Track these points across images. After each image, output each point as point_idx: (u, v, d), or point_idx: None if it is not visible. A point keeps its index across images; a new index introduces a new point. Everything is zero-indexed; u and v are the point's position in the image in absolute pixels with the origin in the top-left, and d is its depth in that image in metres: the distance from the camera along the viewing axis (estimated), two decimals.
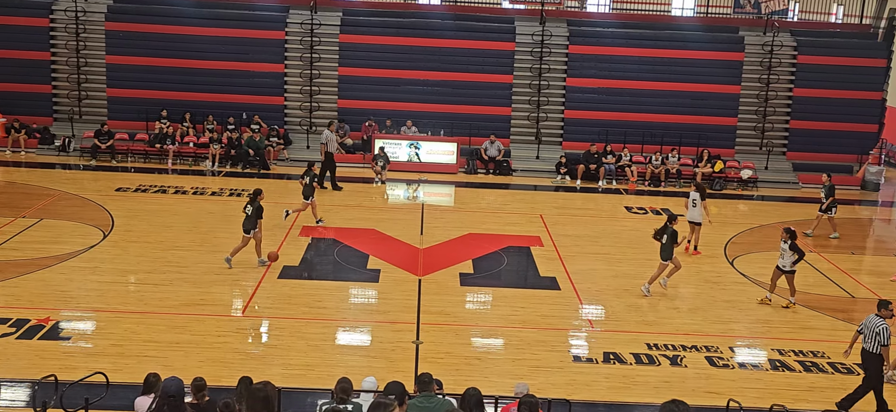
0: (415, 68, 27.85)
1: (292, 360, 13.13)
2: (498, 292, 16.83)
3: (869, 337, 12.16)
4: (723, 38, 28.36)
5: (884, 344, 12.02)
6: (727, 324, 15.57)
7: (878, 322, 12.10)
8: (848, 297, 17.30)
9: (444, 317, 15.18)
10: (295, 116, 28.01)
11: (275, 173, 25.80)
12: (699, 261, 19.02)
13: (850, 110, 27.70)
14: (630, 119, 27.54)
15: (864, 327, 12.32)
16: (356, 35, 28.06)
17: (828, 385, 13.16)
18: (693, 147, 27.06)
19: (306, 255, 18.33)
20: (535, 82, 27.77)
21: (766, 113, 27.80)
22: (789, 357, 14.07)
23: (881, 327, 12.05)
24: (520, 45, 27.85)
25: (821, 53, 27.94)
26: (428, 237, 19.94)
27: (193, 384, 9.08)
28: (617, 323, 15.34)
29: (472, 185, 25.50)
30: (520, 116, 27.99)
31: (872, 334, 12.10)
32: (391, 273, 17.34)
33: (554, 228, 21.05)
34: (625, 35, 28.10)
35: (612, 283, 17.34)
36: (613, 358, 13.73)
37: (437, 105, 27.69)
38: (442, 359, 13.37)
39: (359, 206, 22.77)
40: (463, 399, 8.78)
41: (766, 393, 12.70)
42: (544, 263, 18.43)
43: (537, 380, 12.44)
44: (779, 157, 27.86)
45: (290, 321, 14.70)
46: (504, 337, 14.56)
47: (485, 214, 22.33)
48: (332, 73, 28.00)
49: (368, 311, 15.79)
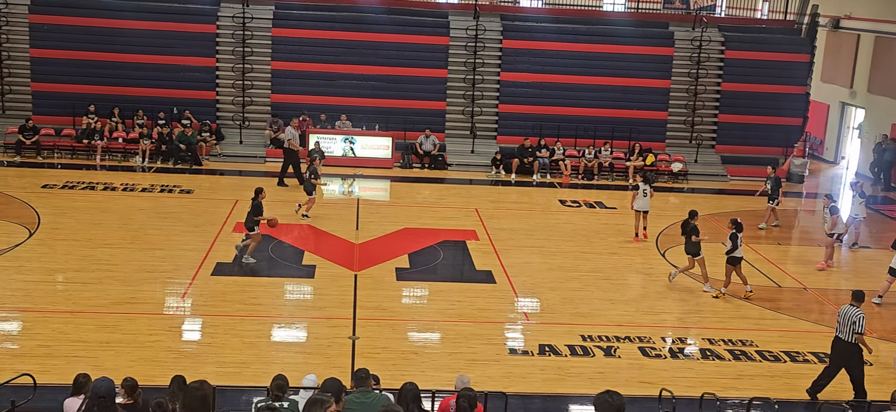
0: (349, 63, 27.71)
1: (227, 358, 12.98)
2: (434, 286, 16.87)
3: (844, 326, 12.38)
4: (653, 34, 28.81)
5: (859, 332, 12.26)
6: (659, 315, 15.86)
7: (854, 311, 12.34)
8: (775, 287, 17.75)
9: (380, 313, 15.16)
10: (227, 111, 27.63)
11: (207, 169, 25.43)
12: (631, 254, 19.32)
13: (775, 104, 28.39)
14: (563, 113, 27.82)
15: (839, 318, 12.54)
16: (289, 29, 27.79)
17: (756, 373, 13.49)
18: (625, 141, 27.45)
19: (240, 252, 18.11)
20: (470, 76, 27.87)
21: (696, 107, 28.34)
22: (719, 346, 14.39)
23: (858, 316, 12.30)
24: (454, 39, 27.91)
25: (747, 49, 28.59)
26: (363, 232, 19.89)
27: (124, 384, 8.92)
28: (552, 315, 15.50)
29: (407, 179, 25.49)
30: (454, 111, 28.06)
31: (849, 322, 12.33)
32: (327, 268, 17.26)
33: (489, 222, 21.17)
34: (557, 30, 28.36)
35: (548, 276, 17.52)
36: (549, 350, 13.87)
37: (371, 99, 27.60)
38: (379, 355, 13.36)
39: (293, 201, 22.56)
40: (400, 394, 8.79)
41: (696, 381, 12.97)
42: (480, 257, 18.53)
43: (474, 374, 12.48)
44: (708, 150, 28.44)
45: (225, 318, 14.53)
46: (441, 331, 14.61)
47: (420, 209, 22.36)
48: (264, 68, 27.69)
49: (304, 307, 15.69)
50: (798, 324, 15.72)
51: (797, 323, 15.76)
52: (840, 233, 19.34)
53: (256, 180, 24.48)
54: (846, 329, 12.37)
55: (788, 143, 28.41)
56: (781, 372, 13.56)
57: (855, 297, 12.60)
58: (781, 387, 12.93)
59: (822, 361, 13.91)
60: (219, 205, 21.43)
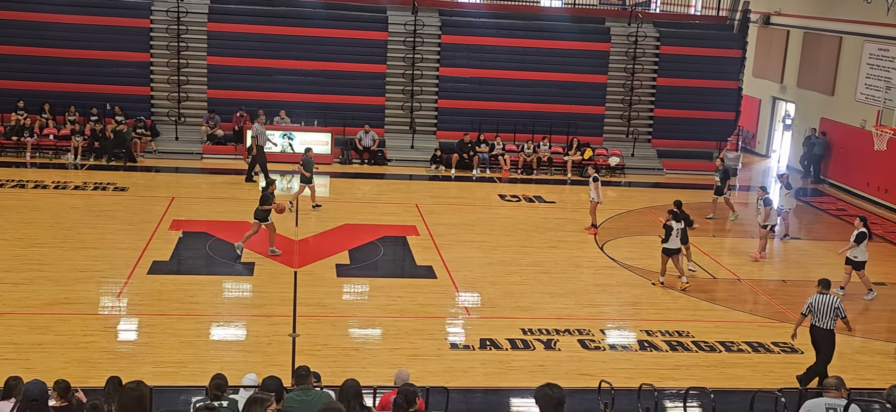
0: (287, 58, 27.44)
1: (164, 358, 12.78)
2: (375, 282, 16.83)
3: (825, 315, 12.66)
4: (589, 29, 29.10)
5: (843, 316, 12.65)
6: (598, 308, 16.05)
7: (834, 299, 12.70)
8: (710, 279, 18.09)
9: (320, 309, 15.07)
10: (162, 107, 27.16)
11: (142, 166, 24.96)
12: (571, 247, 19.51)
13: (709, 99, 28.91)
14: (502, 108, 27.95)
15: (813, 307, 12.79)
16: (225, 23, 27.41)
17: (693, 363, 13.74)
18: (563, 135, 27.69)
19: (177, 250, 17.84)
20: (409, 72, 27.83)
21: (632, 101, 28.72)
22: (656, 337, 14.62)
23: (838, 303, 12.69)
24: (392, 34, 27.83)
25: (681, 44, 29.06)
26: (303, 228, 19.74)
27: (57, 386, 8.71)
28: (493, 309, 15.58)
29: (346, 175, 25.36)
30: (394, 106, 27.99)
31: (830, 310, 12.63)
32: (266, 266, 17.09)
33: (429, 217, 21.18)
34: (496, 25, 28.47)
35: (488, 271, 17.60)
36: (490, 344, 13.94)
37: (310, 95, 27.37)
38: (319, 352, 13.28)
39: (232, 198, 22.31)
40: (341, 391, 8.74)
41: (635, 372, 13.16)
42: (420, 252, 18.53)
43: (415, 369, 12.49)
44: (644, 144, 28.84)
45: (162, 317, 14.29)
46: (382, 326, 14.58)
47: (360, 205, 22.26)
48: (200, 63, 27.27)
49: (243, 305, 15.52)
50: (733, 314, 16.05)
51: (732, 313, 16.09)
52: (773, 225, 19.81)
53: (194, 177, 24.20)
54: (826, 316, 12.66)
55: (722, 137, 28.95)
56: (717, 361, 13.83)
57: (824, 285, 12.92)
58: (717, 377, 13.19)
59: (757, 351, 14.25)
60: (155, 202, 21.07)
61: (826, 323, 12.71)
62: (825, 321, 12.71)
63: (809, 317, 12.93)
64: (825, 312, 12.69)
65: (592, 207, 20.73)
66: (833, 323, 12.69)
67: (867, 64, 26.03)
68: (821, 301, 12.75)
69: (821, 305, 12.73)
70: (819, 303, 12.75)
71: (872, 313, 16.69)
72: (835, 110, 27.60)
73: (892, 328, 16.03)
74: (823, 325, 12.73)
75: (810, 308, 12.86)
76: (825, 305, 12.69)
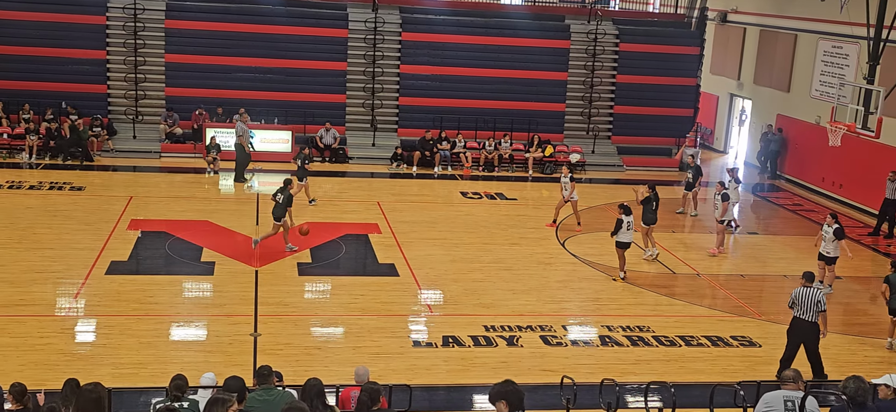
0: (246, 55, 27.19)
1: (123, 359, 12.63)
2: (337, 281, 16.77)
3: (808, 307, 12.85)
4: (549, 27, 29.22)
5: (822, 309, 12.86)
6: (560, 304, 16.14)
7: (816, 292, 12.90)
8: (669, 273, 18.27)
9: (282, 308, 14.98)
10: (119, 105, 26.79)
11: (99, 165, 24.61)
12: (532, 244, 19.58)
13: (668, 96, 29.18)
14: (463, 106, 27.97)
15: (796, 299, 12.99)
16: (183, 21, 27.08)
17: (653, 357, 13.87)
18: (524, 132, 27.78)
19: (136, 250, 17.62)
20: (369, 69, 27.74)
21: (592, 99, 28.89)
22: (617, 332, 14.73)
23: (822, 296, 12.92)
24: (353, 32, 27.72)
25: (640, 41, 29.28)
26: (264, 227, 19.58)
27: (12, 389, 8.56)
28: (455, 306, 15.59)
29: (308, 173, 25.17)
30: (355, 104, 27.89)
31: (812, 303, 12.82)
32: (226, 265, 16.95)
33: (391, 215, 21.14)
34: (456, 23, 28.48)
35: (450, 268, 17.61)
36: (452, 341, 13.95)
37: (270, 93, 27.17)
38: (281, 351, 13.20)
39: (191, 197, 22.10)
40: (304, 390, 8.70)
41: (596, 368, 13.25)
42: (382, 250, 18.49)
43: (378, 367, 12.48)
44: (604, 141, 29.03)
45: (120, 318, 14.11)
46: (344, 325, 14.53)
47: (322, 203, 22.14)
48: (158, 60, 26.94)
49: (203, 305, 15.38)
50: (692, 309, 16.23)
51: (691, 308, 16.26)
52: (730, 221, 20.06)
53: (152, 176, 23.92)
54: (809, 309, 12.86)
55: (680, 134, 29.25)
56: (677, 356, 13.97)
57: (808, 279, 13.15)
58: (677, 371, 13.33)
59: (716, 345, 14.42)
60: (112, 201, 20.79)
61: (809, 315, 12.94)
62: (808, 314, 12.94)
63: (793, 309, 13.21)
64: (807, 305, 12.93)
65: (561, 205, 20.91)
66: (815, 316, 12.93)
67: (822, 61, 26.45)
68: (804, 294, 13.00)
69: (803, 298, 12.98)
70: (802, 296, 13.01)
71: (830, 307, 16.92)
72: (790, 107, 28.01)
73: (847, 321, 16.33)
74: (806, 318, 12.97)
75: (793, 300, 13.12)
76: (808, 298, 12.94)
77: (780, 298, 17.21)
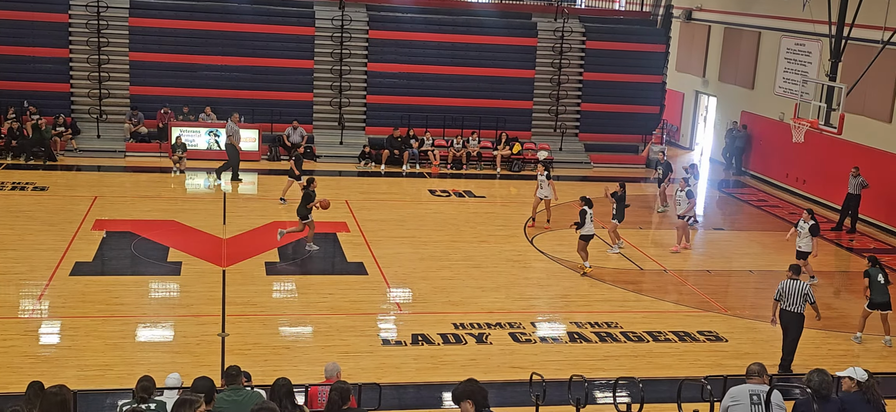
0: (212, 53, 26.99)
1: (88, 361, 12.49)
2: (305, 280, 16.70)
3: (795, 300, 13.14)
4: (517, 24, 29.30)
5: (812, 302, 13.20)
6: (529, 301, 16.19)
7: (802, 285, 13.21)
8: (637, 270, 18.40)
9: (250, 308, 14.89)
10: (83, 104, 26.46)
11: (62, 165, 24.30)
12: (501, 242, 19.63)
13: (634, 93, 29.38)
14: (431, 103, 27.96)
15: (783, 292, 13.26)
16: (147, 18, 26.80)
17: (621, 353, 13.96)
18: (492, 130, 27.84)
19: (101, 250, 17.43)
20: (337, 67, 27.64)
21: (559, 96, 29.01)
22: (586, 329, 14.81)
23: (808, 289, 13.23)
24: (319, 29, 27.61)
25: (607, 39, 29.46)
26: (231, 226, 19.46)
27: None
28: (424, 304, 15.59)
29: (275, 172, 25.05)
30: (322, 102, 27.78)
31: (799, 296, 13.13)
32: (193, 265, 16.81)
33: (360, 213, 21.09)
34: (424, 20, 28.46)
35: (419, 266, 17.61)
36: (422, 339, 13.95)
37: (236, 91, 26.98)
38: (249, 351, 13.13)
39: (157, 196, 21.90)
40: (272, 389, 8.66)
41: (565, 364, 13.31)
42: (351, 249, 18.44)
43: (347, 366, 12.43)
44: (572, 139, 29.17)
45: (85, 320, 13.95)
46: (313, 324, 14.48)
47: (289, 202, 22.02)
48: (122, 59, 26.64)
49: (170, 305, 15.24)
50: (659, 305, 16.35)
51: (658, 304, 16.39)
52: (692, 217, 20.24)
53: (117, 176, 23.66)
54: (796, 301, 13.17)
55: (647, 131, 29.47)
56: (645, 351, 14.08)
57: (794, 271, 13.46)
58: (645, 366, 13.43)
59: (683, 340, 14.55)
60: (76, 201, 20.55)
61: (795, 307, 13.25)
62: (795, 305, 13.24)
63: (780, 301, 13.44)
64: (795, 297, 13.23)
65: (537, 203, 20.91)
66: (802, 307, 13.24)
67: (785, 58, 26.77)
68: (790, 286, 13.29)
69: (790, 290, 13.27)
70: (788, 289, 13.30)
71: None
72: (755, 103, 28.32)
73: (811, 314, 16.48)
74: (793, 309, 13.27)
75: (780, 293, 13.38)
76: (795, 290, 13.24)
77: (745, 293, 17.42)
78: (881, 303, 14.59)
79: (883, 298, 14.58)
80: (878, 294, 14.58)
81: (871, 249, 20.76)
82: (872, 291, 14.61)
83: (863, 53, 21.07)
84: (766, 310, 16.03)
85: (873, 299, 14.62)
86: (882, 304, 14.60)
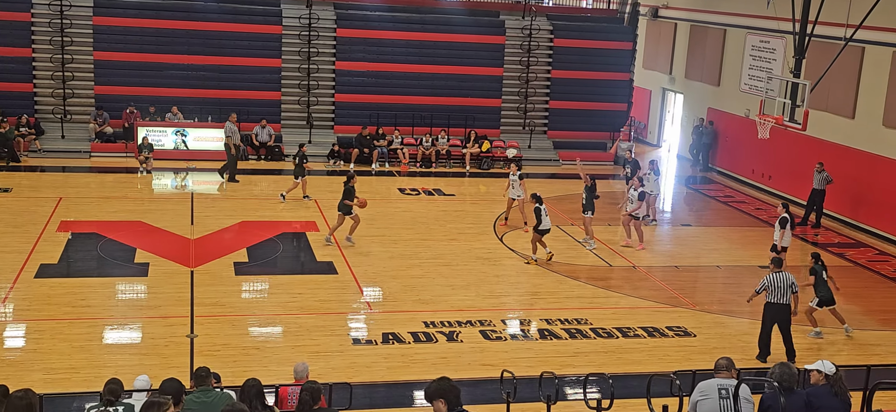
0: (178, 52, 26.75)
1: (54, 364, 12.33)
2: (274, 279, 16.61)
3: (783, 292, 13.51)
4: (484, 22, 29.33)
5: (795, 291, 13.65)
6: (499, 298, 16.23)
7: (788, 276, 13.65)
8: (606, 266, 18.50)
9: (219, 309, 14.78)
10: (46, 104, 26.11)
11: (26, 166, 23.97)
12: (471, 240, 19.64)
13: (602, 91, 29.54)
14: (400, 102, 27.93)
15: (770, 285, 13.58)
16: (112, 17, 26.50)
17: (591, 349, 14.03)
18: (461, 128, 27.85)
19: (66, 252, 17.21)
20: (305, 66, 27.52)
21: (528, 94, 29.09)
22: (556, 325, 14.87)
23: (793, 279, 13.63)
24: (287, 28, 27.46)
25: (574, 37, 29.59)
26: (199, 227, 19.31)
27: None
28: (394, 303, 15.57)
29: (243, 171, 24.88)
30: (290, 101, 27.64)
31: (787, 286, 13.51)
32: (161, 266, 16.65)
33: (329, 213, 20.98)
34: (392, 19, 28.41)
35: (389, 265, 17.58)
36: (392, 338, 13.93)
37: (203, 90, 26.77)
38: (219, 352, 13.03)
39: (124, 197, 21.67)
40: (243, 390, 8.60)
41: (536, 361, 13.35)
42: (320, 248, 18.37)
43: (318, 366, 12.40)
44: (540, 136, 29.27)
45: (51, 322, 13.78)
46: (282, 324, 14.40)
47: (258, 201, 21.92)
48: (86, 58, 26.32)
49: (138, 307, 15.09)
50: (629, 300, 16.45)
51: (627, 300, 16.49)
52: (647, 215, 20.47)
53: (82, 176, 23.38)
54: (784, 292, 13.53)
55: (615, 128, 29.63)
56: (614, 347, 14.16)
57: (777, 264, 13.85)
58: (615, 362, 13.50)
59: (652, 336, 14.65)
60: (41, 203, 20.28)
61: (783, 298, 13.61)
62: (783, 297, 13.60)
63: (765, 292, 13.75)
64: (783, 289, 13.58)
65: (518, 205, 20.62)
66: (789, 298, 13.63)
67: (750, 55, 27.04)
68: (777, 279, 13.61)
69: (778, 283, 13.60)
70: (775, 282, 13.60)
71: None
72: (721, 100, 28.58)
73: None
74: (782, 301, 13.62)
75: (765, 286, 13.69)
76: (782, 282, 13.58)
77: (713, 289, 17.58)
78: (828, 298, 14.92)
79: (829, 294, 14.93)
80: (824, 290, 14.89)
81: (835, 244, 21.05)
82: (819, 288, 14.93)
83: (826, 50, 21.35)
84: (734, 305, 16.22)
85: (822, 296, 14.91)
86: (828, 300, 14.93)
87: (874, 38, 21.33)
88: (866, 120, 22.22)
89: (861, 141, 22.32)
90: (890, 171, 21.35)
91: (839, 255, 20.12)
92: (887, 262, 19.75)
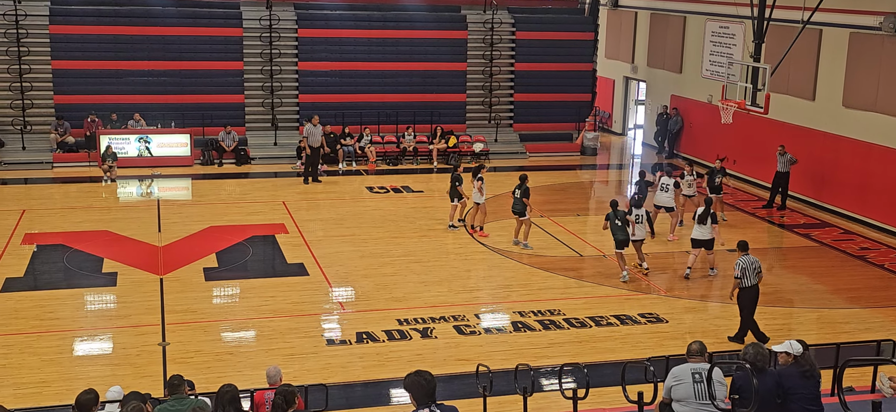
0: (138, 59, 26.43)
1: (24, 379, 12.16)
2: (245, 283, 16.50)
3: (754, 274, 13.70)
4: (446, 18, 29.31)
5: (760, 275, 13.82)
6: (472, 293, 16.25)
7: (754, 259, 13.83)
8: (577, 257, 18.59)
9: (190, 316, 14.66)
10: (5, 116, 25.69)
11: None
12: (441, 236, 19.64)
13: (566, 82, 29.64)
14: (365, 100, 27.85)
15: (746, 269, 13.69)
16: (68, 25, 26.13)
17: (565, 340, 14.10)
18: (427, 124, 27.85)
19: (32, 264, 16.97)
20: (267, 68, 27.34)
21: (492, 88, 29.14)
22: (529, 317, 14.92)
23: (758, 261, 13.86)
24: (247, 30, 27.25)
25: (536, 29, 29.66)
26: (167, 234, 19.13)
27: None
28: (367, 302, 15.54)
29: (209, 176, 24.70)
30: (253, 103, 27.45)
31: (754, 270, 13.69)
32: (129, 274, 16.48)
33: (297, 214, 20.92)
34: (353, 17, 28.28)
35: (360, 264, 17.53)
36: (366, 337, 13.91)
37: (165, 96, 26.48)
38: (192, 359, 12.93)
39: (89, 207, 21.39)
40: (217, 397, 8.54)
41: (510, 353, 13.40)
42: (291, 250, 18.28)
43: (293, 368, 12.36)
44: (506, 129, 29.33)
45: (19, 337, 13.58)
46: (255, 328, 14.32)
47: (226, 205, 21.75)
48: (44, 67, 25.93)
49: (107, 317, 14.92)
50: (600, 290, 16.55)
51: (599, 289, 16.59)
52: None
53: (45, 187, 23.07)
54: (751, 276, 13.68)
55: (580, 118, 29.78)
56: (588, 337, 14.24)
57: (743, 248, 14.09)
58: (589, 352, 13.58)
59: (624, 324, 14.75)
60: (3, 216, 19.97)
61: (755, 280, 13.80)
62: (755, 279, 13.79)
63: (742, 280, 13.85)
64: (753, 272, 13.75)
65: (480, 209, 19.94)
66: (755, 279, 13.81)
67: (710, 41, 27.28)
68: (748, 262, 13.77)
69: (750, 266, 13.75)
70: (748, 265, 13.76)
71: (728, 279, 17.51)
72: (683, 87, 28.81)
73: None
74: (754, 283, 13.79)
75: (744, 270, 13.75)
76: (752, 266, 13.75)
77: (683, 274, 17.69)
78: (622, 240, 16.58)
79: (623, 236, 16.57)
80: (621, 233, 16.54)
81: (801, 225, 21.32)
82: (616, 232, 16.39)
83: (785, 34, 21.59)
84: (702, 289, 16.40)
85: (616, 238, 16.53)
86: (622, 242, 16.60)
87: (831, 19, 21.63)
88: (826, 101, 22.52)
89: (822, 122, 22.62)
90: (851, 150, 21.66)
91: (805, 236, 20.39)
92: (852, 241, 20.03)
